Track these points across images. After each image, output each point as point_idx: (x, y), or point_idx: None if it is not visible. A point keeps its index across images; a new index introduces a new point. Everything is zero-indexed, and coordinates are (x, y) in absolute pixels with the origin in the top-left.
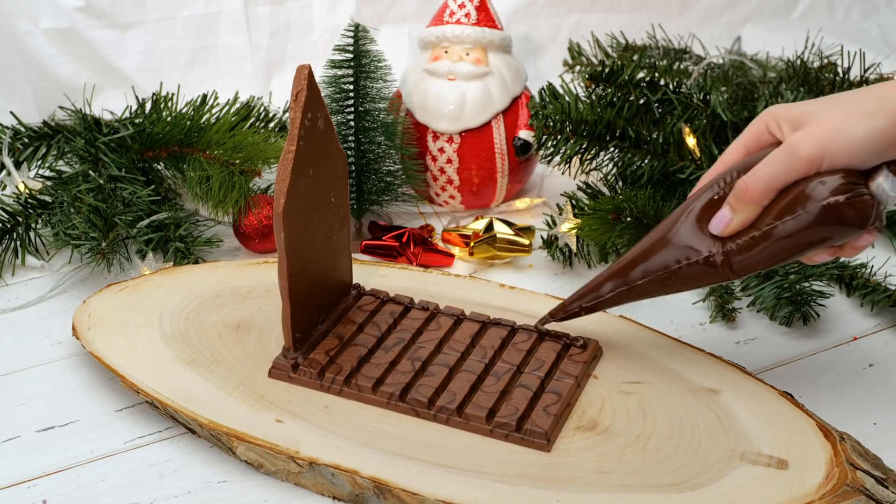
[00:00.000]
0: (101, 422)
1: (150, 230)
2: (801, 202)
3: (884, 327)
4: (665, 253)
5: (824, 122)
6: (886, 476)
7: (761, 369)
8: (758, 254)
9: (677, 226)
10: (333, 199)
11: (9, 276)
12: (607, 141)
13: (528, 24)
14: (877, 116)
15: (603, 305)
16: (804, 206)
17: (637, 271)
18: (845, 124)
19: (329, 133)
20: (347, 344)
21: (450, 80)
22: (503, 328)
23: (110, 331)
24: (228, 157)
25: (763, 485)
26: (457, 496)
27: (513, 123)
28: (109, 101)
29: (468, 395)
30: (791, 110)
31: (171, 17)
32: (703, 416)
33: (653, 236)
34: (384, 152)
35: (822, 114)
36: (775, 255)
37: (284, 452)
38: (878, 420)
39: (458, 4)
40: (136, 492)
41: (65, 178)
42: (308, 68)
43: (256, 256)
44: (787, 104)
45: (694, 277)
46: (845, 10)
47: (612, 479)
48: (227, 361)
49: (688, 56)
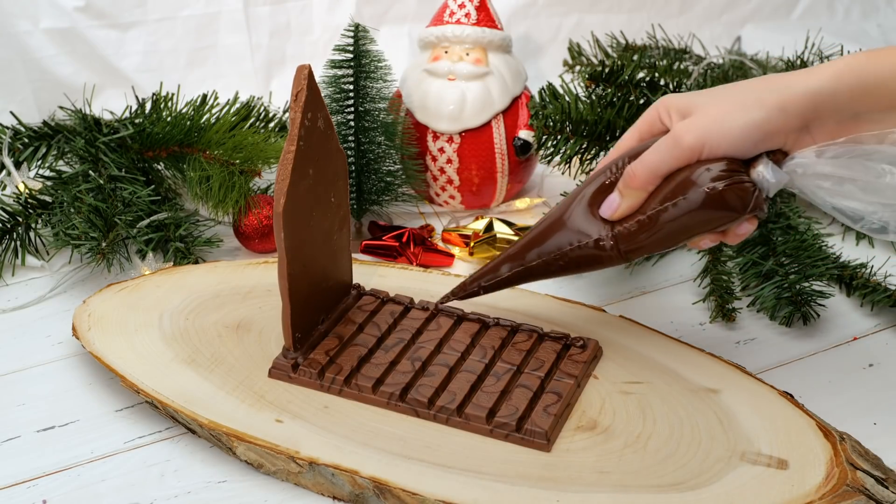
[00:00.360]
0: (101, 422)
1: (150, 230)
2: (684, 188)
3: (884, 327)
4: (559, 236)
5: (707, 112)
6: (886, 476)
7: (761, 369)
8: (645, 238)
9: (570, 209)
10: (333, 199)
11: (9, 276)
12: (607, 141)
13: (528, 24)
14: (755, 109)
15: (501, 285)
16: (687, 191)
17: (532, 253)
18: (725, 116)
19: (329, 133)
20: (347, 344)
21: (450, 80)
22: (503, 328)
23: (110, 331)
24: (228, 157)
25: (763, 485)
26: (457, 496)
27: (513, 123)
28: (109, 101)
29: (468, 395)
30: (680, 100)
31: (171, 17)
32: (703, 416)
33: (548, 219)
34: (384, 152)
35: (706, 105)
36: (661, 239)
37: (284, 452)
38: (878, 420)
39: (458, 4)
40: (136, 492)
41: (65, 178)
42: (308, 68)
43: (256, 256)
44: (679, 94)
45: (586, 260)
46: (845, 10)
47: (612, 479)
48: (227, 361)
49: (688, 56)
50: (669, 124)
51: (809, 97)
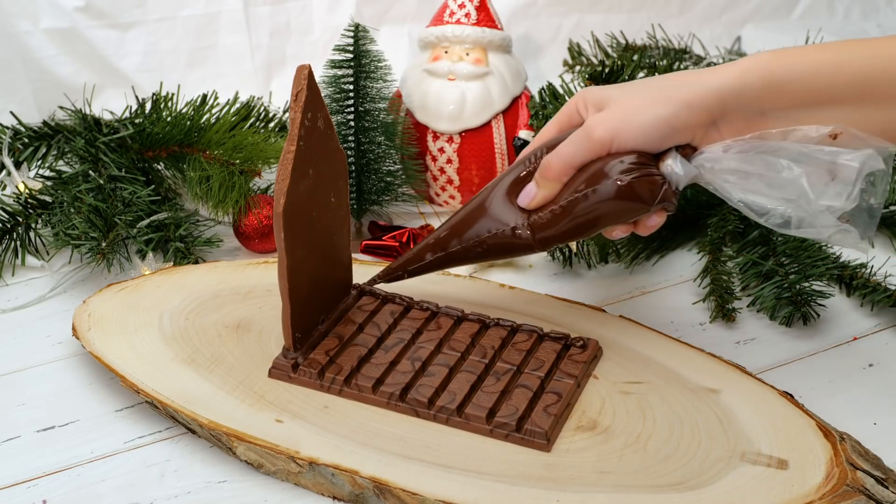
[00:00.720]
0: (101, 422)
1: (150, 230)
2: (596, 179)
3: (884, 327)
4: (478, 224)
5: (618, 107)
6: (886, 476)
7: (761, 369)
8: (559, 227)
9: (490, 198)
10: (333, 199)
11: (9, 276)
12: None
13: (528, 24)
14: (662, 104)
15: (424, 270)
16: (599, 182)
17: (454, 241)
18: (634, 111)
19: (329, 133)
20: (347, 344)
21: (450, 80)
22: (503, 328)
23: (110, 331)
24: (228, 157)
25: (763, 485)
26: (457, 496)
27: (513, 123)
28: (109, 101)
29: (468, 395)
30: (597, 93)
31: (171, 17)
32: (703, 416)
33: (468, 207)
34: (384, 152)
35: (619, 99)
36: (574, 228)
37: (284, 452)
38: (878, 420)
39: (458, 4)
40: (136, 492)
41: (65, 178)
42: (308, 68)
43: (256, 256)
44: (597, 87)
45: (503, 248)
46: (845, 10)
47: (612, 479)
48: (227, 361)
49: (688, 56)
50: (586, 116)
51: (716, 94)
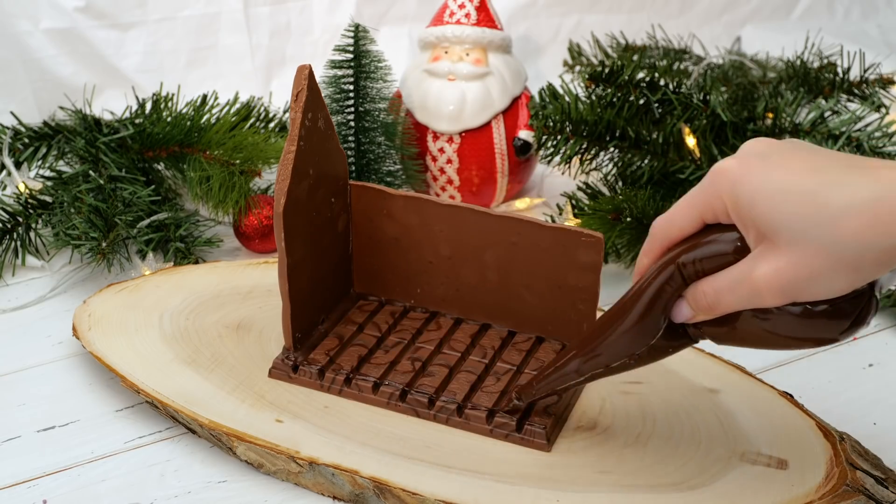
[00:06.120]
0: (101, 422)
1: (150, 230)
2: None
3: (884, 327)
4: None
5: (797, 258)
6: (886, 476)
7: (761, 369)
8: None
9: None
10: (333, 199)
11: (9, 276)
12: (607, 141)
13: (528, 24)
14: (853, 272)
15: (574, 386)
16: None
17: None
18: (825, 273)
19: (329, 133)
20: (347, 344)
21: (450, 80)
22: (503, 328)
23: (110, 331)
24: (228, 157)
25: (763, 485)
26: (457, 496)
27: (513, 123)
28: (109, 102)
29: (468, 396)
30: (748, 201)
31: (171, 18)
32: (703, 416)
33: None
34: (384, 152)
35: (795, 242)
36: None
37: (284, 452)
38: (878, 420)
39: (458, 4)
40: (136, 492)
41: (65, 178)
42: (308, 68)
43: (256, 256)
44: (745, 176)
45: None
46: (845, 11)
47: (612, 479)
48: (228, 361)
49: (688, 56)
50: (733, 220)
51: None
